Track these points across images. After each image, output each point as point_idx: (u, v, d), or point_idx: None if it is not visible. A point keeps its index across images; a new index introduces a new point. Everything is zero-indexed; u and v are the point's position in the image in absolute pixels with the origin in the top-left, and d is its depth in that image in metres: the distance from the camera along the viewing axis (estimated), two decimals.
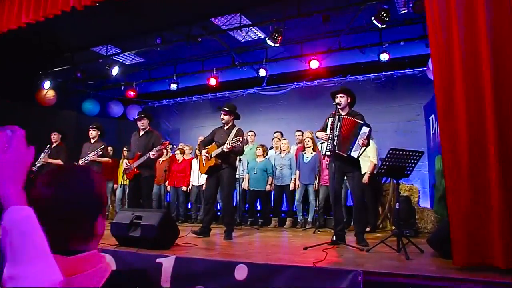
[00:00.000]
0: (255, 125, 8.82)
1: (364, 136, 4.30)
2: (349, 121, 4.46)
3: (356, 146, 4.35)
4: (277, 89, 9.67)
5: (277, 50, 8.22)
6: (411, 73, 8.32)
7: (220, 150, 5.21)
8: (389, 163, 4.07)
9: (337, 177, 4.52)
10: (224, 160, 5.26)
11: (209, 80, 8.82)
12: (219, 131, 5.46)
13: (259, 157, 7.26)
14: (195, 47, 8.21)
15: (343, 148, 4.43)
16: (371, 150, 6.07)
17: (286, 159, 7.08)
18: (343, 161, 4.41)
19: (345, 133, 4.45)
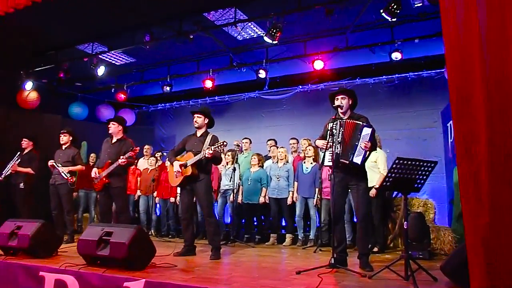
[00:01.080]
0: (256, 131, 8.90)
1: (366, 138, 3.99)
2: (351, 124, 4.17)
3: (359, 151, 4.02)
4: (280, 92, 9.44)
5: (278, 50, 7.97)
6: (427, 75, 8.01)
7: (199, 157, 4.90)
8: (396, 175, 3.64)
9: (339, 190, 4.20)
10: (200, 170, 4.98)
11: (205, 82, 8.62)
12: (191, 139, 5.20)
13: (254, 167, 7.00)
14: (190, 47, 7.93)
15: (345, 155, 4.12)
16: (381, 161, 5.73)
17: (284, 169, 6.77)
18: (346, 172, 4.12)
19: (347, 137, 4.14)
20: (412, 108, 7.99)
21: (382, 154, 5.74)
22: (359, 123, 4.08)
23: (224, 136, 8.41)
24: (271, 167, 6.93)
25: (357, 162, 4.01)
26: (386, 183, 3.73)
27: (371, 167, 5.59)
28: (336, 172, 4.12)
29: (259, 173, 6.88)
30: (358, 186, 4.22)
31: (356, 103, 4.42)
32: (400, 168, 3.64)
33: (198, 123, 5.11)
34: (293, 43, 7.75)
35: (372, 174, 5.62)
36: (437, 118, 7.58)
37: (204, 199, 4.98)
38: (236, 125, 9.59)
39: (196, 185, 4.98)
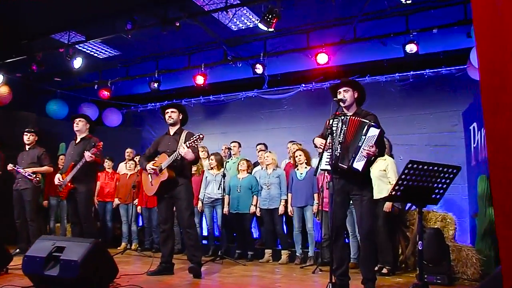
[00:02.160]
0: (254, 134, 8.66)
1: (371, 141, 3.61)
2: (356, 122, 3.77)
3: (360, 155, 3.64)
4: (280, 91, 9.10)
5: (277, 42, 7.63)
6: (446, 72, 7.58)
7: (174, 157, 4.56)
8: (409, 182, 3.09)
9: (338, 200, 3.82)
10: (179, 173, 4.69)
11: (196, 78, 8.20)
12: (164, 139, 4.95)
13: (242, 172, 6.68)
14: (179, 38, 7.69)
15: (345, 159, 3.75)
16: (391, 169, 5.33)
17: (274, 176, 6.42)
18: (347, 179, 3.79)
19: (349, 137, 3.77)
20: (429, 110, 7.62)
21: (392, 162, 5.37)
22: (365, 121, 3.69)
23: (219, 139, 8.74)
24: (260, 174, 6.62)
25: (357, 168, 3.64)
26: (395, 192, 3.16)
27: (380, 176, 5.25)
28: (336, 178, 3.79)
29: (250, 179, 6.60)
30: (362, 196, 3.82)
31: (363, 97, 4.08)
32: (414, 174, 3.14)
33: (173, 119, 4.86)
34: (294, 35, 7.41)
35: (381, 185, 5.25)
36: (457, 120, 7.14)
37: (185, 207, 4.64)
38: (232, 127, 9.38)
39: (175, 192, 4.67)
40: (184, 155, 4.47)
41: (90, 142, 5.26)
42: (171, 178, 4.59)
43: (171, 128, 4.91)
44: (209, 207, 6.79)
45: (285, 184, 6.31)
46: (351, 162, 3.66)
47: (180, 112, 4.96)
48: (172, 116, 4.86)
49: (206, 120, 9.74)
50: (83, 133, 5.44)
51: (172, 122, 4.87)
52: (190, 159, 4.57)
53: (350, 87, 3.98)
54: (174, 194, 4.68)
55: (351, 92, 3.97)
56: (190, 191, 4.77)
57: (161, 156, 4.78)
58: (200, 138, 4.46)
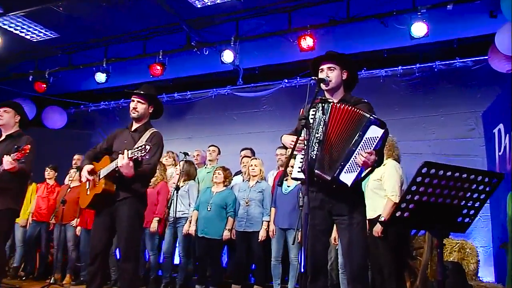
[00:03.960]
0: (227, 140, 8.30)
1: (371, 143, 2.93)
2: (345, 112, 3.06)
3: (353, 163, 2.94)
4: (259, 88, 8.75)
5: (253, 23, 7.05)
6: (461, 64, 7.21)
7: (113, 166, 3.81)
8: (422, 196, 2.29)
9: (316, 223, 3.13)
10: (122, 186, 3.90)
11: (152, 68, 7.60)
12: (122, 135, 4.17)
13: (217, 186, 6.08)
14: (133, 19, 7.17)
15: (327, 164, 3.05)
16: (389, 178, 4.64)
17: (257, 190, 5.87)
18: (329, 192, 3.12)
19: (334, 134, 3.06)
20: (440, 111, 7.24)
21: (392, 166, 4.70)
22: (365, 114, 2.97)
23: (185, 146, 7.90)
24: (239, 187, 6.13)
25: (344, 181, 2.96)
26: (400, 214, 2.34)
27: (373, 188, 4.68)
28: (311, 191, 3.08)
29: (225, 195, 6.00)
30: (350, 219, 3.11)
31: (354, 80, 3.41)
32: (431, 185, 2.26)
33: (138, 112, 4.03)
34: (273, 14, 6.86)
35: (376, 200, 4.61)
36: (475, 123, 6.86)
37: (125, 230, 3.90)
38: (199, 131, 9.03)
39: (116, 209, 3.93)
40: (119, 167, 3.68)
41: (19, 140, 4.39)
42: (107, 193, 3.84)
43: (135, 123, 4.12)
44: (170, 227, 6.16)
45: (270, 202, 5.80)
46: (336, 172, 2.96)
47: (151, 102, 4.11)
48: (137, 107, 4.02)
49: (169, 123, 9.08)
50: (11, 128, 4.52)
51: (136, 117, 4.04)
52: (126, 175, 3.75)
53: (337, 64, 3.27)
54: (114, 211, 3.93)
55: (338, 71, 3.27)
56: (135, 210, 3.98)
57: (104, 159, 4.03)
58: (147, 150, 3.63)
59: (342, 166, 2.94)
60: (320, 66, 3.29)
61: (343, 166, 2.94)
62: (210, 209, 5.84)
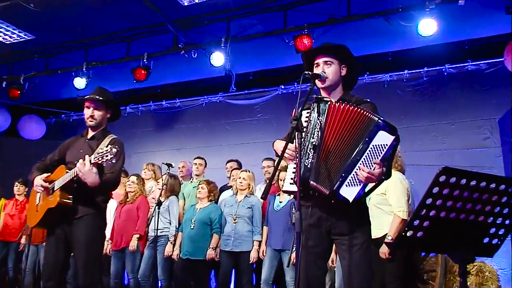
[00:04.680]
0: (218, 151, 8.31)
1: (379, 152, 2.65)
2: (346, 113, 2.78)
3: (355, 176, 2.68)
4: (253, 95, 8.64)
5: (245, 23, 6.92)
6: (473, 67, 7.05)
7: (71, 175, 3.60)
8: (439, 211, 2.01)
9: (311, 245, 2.88)
10: (81, 200, 3.71)
11: (136, 72, 7.43)
12: (76, 143, 4.03)
13: (201, 201, 5.91)
14: (113, 18, 7.01)
15: (324, 175, 2.79)
16: (394, 192, 4.49)
17: (245, 205, 5.66)
18: (327, 208, 2.85)
19: (332, 139, 2.79)
20: (450, 118, 7.09)
21: (396, 180, 4.50)
22: (373, 116, 2.69)
23: (173, 158, 7.69)
24: (225, 202, 5.89)
25: (345, 196, 2.70)
26: (413, 233, 2.05)
27: (377, 203, 4.51)
28: (305, 206, 2.86)
29: (209, 210, 5.80)
30: (352, 239, 2.84)
31: (355, 77, 3.17)
32: (451, 197, 1.96)
33: (96, 120, 3.91)
34: (267, 13, 6.72)
35: (381, 217, 4.43)
36: (490, 132, 6.68)
37: (84, 254, 3.71)
38: (189, 142, 8.89)
39: (71, 227, 3.74)
40: (81, 175, 3.48)
41: None
42: (63, 206, 3.62)
43: (91, 130, 3.98)
44: (150, 248, 5.92)
45: (260, 219, 5.64)
46: (336, 185, 2.69)
47: (108, 106, 3.98)
48: (94, 115, 3.88)
49: (156, 133, 9.30)
50: None
51: (94, 125, 3.90)
52: (90, 184, 3.54)
53: (335, 58, 3.00)
54: (71, 231, 3.74)
55: (336, 66, 3.00)
56: (97, 230, 3.84)
57: (59, 169, 3.81)
58: (112, 152, 3.45)
59: (343, 178, 2.66)
60: (315, 60, 3.02)
61: (344, 178, 2.66)
62: (194, 226, 5.66)
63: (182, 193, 6.26)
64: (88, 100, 3.84)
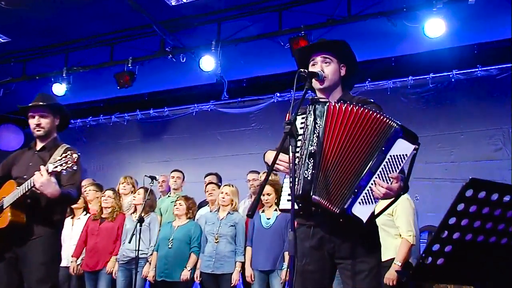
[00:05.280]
0: (210, 163, 8.28)
1: (396, 165, 2.45)
2: (350, 115, 2.57)
3: (370, 193, 2.46)
4: (247, 103, 8.61)
5: (238, 25, 6.84)
6: (483, 73, 6.96)
7: (24, 189, 3.49)
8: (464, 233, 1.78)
9: (311, 269, 2.66)
10: (36, 218, 3.61)
11: (121, 78, 7.35)
12: (23, 157, 3.95)
13: (179, 218, 5.80)
14: (95, 19, 6.90)
15: (331, 189, 2.56)
16: (402, 213, 4.44)
17: (228, 223, 5.60)
18: (331, 227, 2.65)
19: (334, 146, 2.57)
20: (459, 127, 7.01)
21: (405, 201, 4.48)
22: (392, 122, 2.50)
23: (161, 170, 7.79)
24: (206, 219, 5.79)
25: (359, 215, 2.48)
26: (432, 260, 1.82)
27: (382, 224, 4.36)
28: (306, 225, 2.71)
29: (188, 228, 5.75)
30: (360, 264, 2.63)
31: (354, 77, 3.03)
32: (479, 216, 1.73)
33: (43, 128, 3.80)
34: (261, 14, 6.68)
35: (384, 238, 4.14)
36: (502, 142, 6.61)
37: (37, 279, 3.55)
38: (178, 153, 8.81)
39: (22, 250, 3.61)
40: (39, 186, 3.34)
41: None
42: (15, 225, 3.51)
43: (39, 141, 3.86)
44: (124, 270, 5.71)
45: (244, 238, 5.57)
46: (348, 202, 2.47)
47: (56, 113, 3.88)
48: (41, 124, 3.77)
49: (143, 143, 9.22)
50: None
51: (43, 134, 3.78)
52: (50, 195, 3.40)
53: (334, 56, 2.83)
54: (21, 254, 3.60)
55: (335, 65, 2.84)
56: (52, 251, 3.71)
57: (7, 184, 3.68)
58: (73, 158, 3.33)
59: (356, 194, 2.44)
60: (311, 57, 2.83)
61: (357, 194, 2.45)
62: (172, 246, 5.55)
63: (159, 209, 6.15)
64: (32, 108, 3.74)
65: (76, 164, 3.35)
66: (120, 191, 6.25)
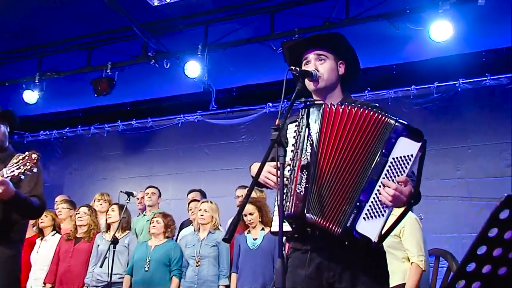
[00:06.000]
0: (195, 178, 8.19)
1: (402, 167, 2.27)
2: (349, 117, 2.41)
3: (375, 204, 2.27)
4: (236, 114, 8.50)
5: (226, 27, 6.84)
6: (492, 83, 6.86)
7: None
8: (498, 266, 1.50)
9: None
10: None
11: (98, 85, 7.28)
12: None
13: (156, 237, 5.63)
14: (71, 20, 6.88)
15: (327, 206, 2.35)
16: (412, 237, 4.27)
17: (210, 243, 5.47)
18: (331, 252, 2.43)
19: (332, 154, 2.37)
20: (466, 141, 6.93)
21: (413, 221, 4.32)
22: (388, 119, 2.35)
23: (144, 185, 7.54)
24: (187, 241, 5.67)
25: (366, 234, 2.27)
26: None
27: (388, 246, 4.09)
28: (301, 251, 2.51)
29: (167, 248, 5.60)
30: None
31: (354, 77, 2.84)
32: None
33: None
34: (251, 16, 6.66)
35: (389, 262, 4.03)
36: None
37: None
38: (162, 167, 8.72)
39: None
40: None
41: None
42: None
43: None
44: None
45: (229, 259, 5.44)
46: (350, 219, 2.29)
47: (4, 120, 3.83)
48: None
49: (124, 157, 9.10)
50: None
51: None
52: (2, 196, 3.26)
53: (330, 52, 2.66)
54: None
55: (331, 61, 2.67)
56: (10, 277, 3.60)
57: None
58: (32, 159, 3.21)
59: (358, 208, 2.24)
60: (304, 54, 2.64)
61: (360, 208, 2.24)
62: (149, 268, 5.36)
63: (134, 229, 6.03)
64: None
65: (36, 166, 3.22)
66: (97, 209, 6.06)
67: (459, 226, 6.29)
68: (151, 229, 5.60)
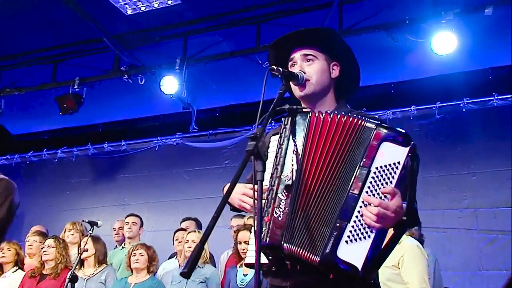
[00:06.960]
0: (174, 207, 8.19)
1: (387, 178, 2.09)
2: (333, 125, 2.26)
3: (358, 223, 2.07)
4: (219, 136, 8.43)
5: (208, 40, 6.86)
6: (500, 103, 6.86)
7: None
8: None
9: None
10: None
11: (64, 102, 7.19)
12: None
13: (138, 273, 5.51)
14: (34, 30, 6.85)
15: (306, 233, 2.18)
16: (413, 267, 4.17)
17: (197, 279, 5.35)
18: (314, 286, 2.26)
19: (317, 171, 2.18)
20: (471, 167, 6.84)
21: (412, 249, 4.28)
22: (368, 123, 2.19)
23: (115, 215, 7.79)
24: (172, 277, 5.56)
25: (349, 261, 2.07)
26: None
27: (387, 280, 4.15)
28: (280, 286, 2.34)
29: (149, 285, 5.49)
30: None
31: (352, 80, 2.65)
32: None
33: None
34: (235, 27, 6.70)
35: None
36: None
37: None
38: (137, 196, 8.63)
39: None
40: None
41: None
42: None
43: None
44: None
45: None
46: (330, 244, 2.11)
47: None
48: None
49: (95, 184, 8.99)
50: None
51: None
52: None
53: (319, 51, 2.50)
54: None
55: (322, 62, 2.49)
56: None
57: None
58: None
59: (338, 230, 2.06)
60: (290, 55, 2.47)
61: (340, 230, 2.07)
62: None
63: (111, 264, 5.85)
64: None
65: None
66: (67, 240, 5.83)
67: (466, 259, 6.22)
68: (133, 263, 5.40)
